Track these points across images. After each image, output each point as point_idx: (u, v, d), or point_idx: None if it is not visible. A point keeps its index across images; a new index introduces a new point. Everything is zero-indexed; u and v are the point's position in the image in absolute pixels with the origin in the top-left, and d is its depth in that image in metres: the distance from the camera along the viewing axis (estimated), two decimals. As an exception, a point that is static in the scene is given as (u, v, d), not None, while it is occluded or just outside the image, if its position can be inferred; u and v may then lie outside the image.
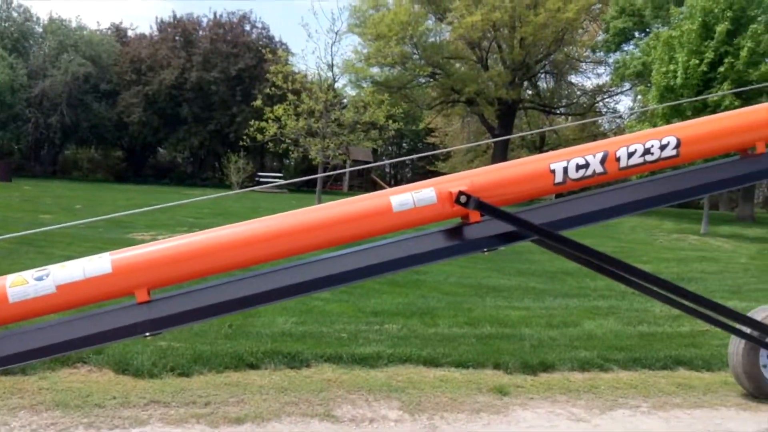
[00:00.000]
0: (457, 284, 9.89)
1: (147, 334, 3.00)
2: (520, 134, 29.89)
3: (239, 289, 3.18)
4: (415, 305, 7.87)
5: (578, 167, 3.42)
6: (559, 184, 3.43)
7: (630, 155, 3.48)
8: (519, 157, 3.92)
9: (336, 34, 26.86)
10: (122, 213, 4.18)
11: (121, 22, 53.78)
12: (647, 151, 3.50)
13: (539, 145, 49.05)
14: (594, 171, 3.44)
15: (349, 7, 39.94)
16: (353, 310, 7.37)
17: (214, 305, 3.12)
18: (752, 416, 4.83)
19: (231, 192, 5.17)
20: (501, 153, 40.06)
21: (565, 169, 3.41)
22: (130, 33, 51.92)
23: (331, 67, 27.59)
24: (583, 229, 3.66)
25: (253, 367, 5.12)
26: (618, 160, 3.47)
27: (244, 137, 28.63)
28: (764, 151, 3.69)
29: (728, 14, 21.72)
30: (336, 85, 31.27)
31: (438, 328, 6.68)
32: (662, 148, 3.52)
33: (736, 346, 5.13)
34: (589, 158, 3.44)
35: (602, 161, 3.44)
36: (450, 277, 10.40)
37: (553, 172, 3.42)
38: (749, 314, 5.14)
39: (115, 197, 25.81)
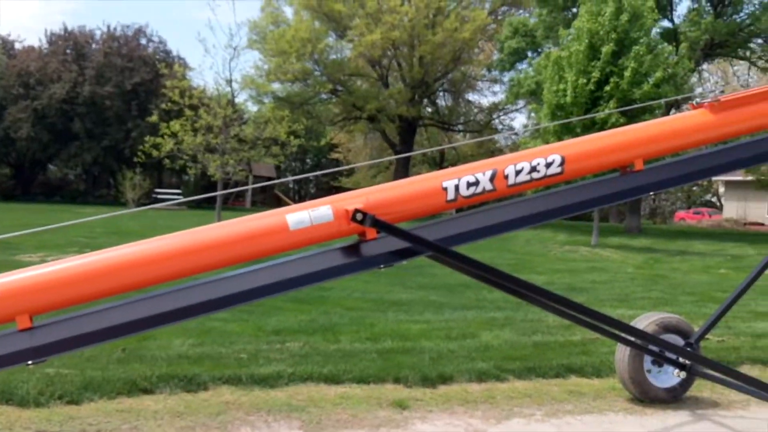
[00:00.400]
0: (360, 299, 9.94)
1: (29, 362, 2.86)
2: (421, 151, 30.49)
3: (131, 312, 3.09)
4: (317, 322, 7.85)
5: (469, 185, 3.53)
6: (451, 201, 3.53)
7: (518, 173, 3.62)
8: (420, 173, 4.01)
9: (234, 49, 26.66)
10: (9, 234, 3.97)
11: (8, 35, 51.40)
12: (534, 169, 3.65)
13: (439, 162, 50.09)
14: (484, 188, 3.56)
15: (248, 22, 39.61)
16: (254, 330, 7.28)
17: (103, 330, 3.01)
18: (638, 420, 5.09)
19: (127, 210, 5.02)
20: (403, 169, 40.64)
21: (457, 187, 3.51)
22: (17, 45, 49.55)
23: (229, 82, 27.32)
24: (481, 243, 3.77)
25: (147, 392, 4.95)
26: (506, 177, 3.60)
27: (140, 153, 27.80)
28: (642, 168, 3.92)
29: (613, 36, 22.95)
30: (236, 100, 30.95)
31: (340, 345, 6.69)
32: (548, 165, 3.68)
33: (622, 353, 5.40)
34: (479, 176, 3.55)
35: (491, 179, 3.56)
36: (353, 293, 10.44)
37: (445, 189, 3.51)
38: (633, 323, 5.43)
39: (1, 217, 24.42)
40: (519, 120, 51.92)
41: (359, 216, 3.29)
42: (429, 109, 48.33)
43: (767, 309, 10.24)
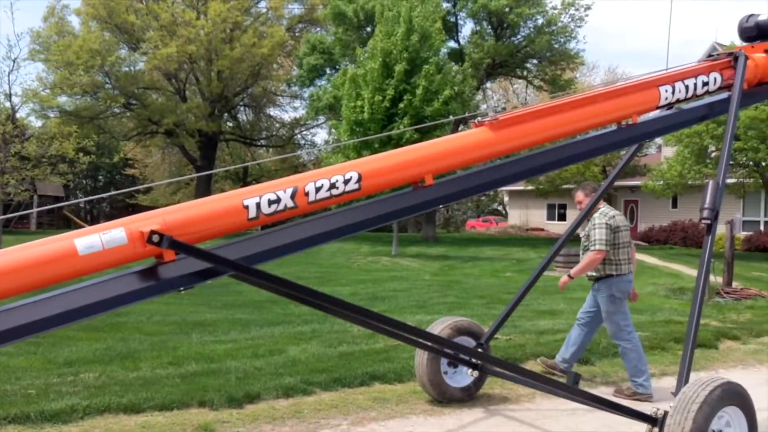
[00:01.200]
0: (161, 322, 9.56)
1: None
2: (224, 169, 29.44)
3: None
4: (114, 350, 7.44)
5: (270, 202, 3.54)
6: (253, 219, 3.52)
7: (318, 190, 3.70)
8: (223, 190, 3.94)
9: (14, 61, 24.67)
10: None
11: None
12: (333, 186, 3.75)
13: (243, 177, 49.42)
14: (285, 206, 3.59)
15: (30, 32, 36.54)
16: (42, 363, 6.75)
17: None
18: (437, 420, 5.39)
19: None
20: (204, 186, 39.58)
21: (258, 205, 3.51)
22: None
23: (9, 96, 25.16)
24: (287, 257, 3.79)
25: None
26: (307, 194, 3.66)
27: None
28: (432, 183, 4.17)
29: (405, 55, 24.12)
30: (17, 115, 28.52)
31: (140, 372, 6.40)
32: (346, 182, 3.80)
33: (420, 357, 5.69)
34: (280, 193, 3.58)
35: (292, 196, 3.61)
36: (153, 316, 10.03)
37: (246, 207, 3.50)
38: (429, 328, 5.76)
39: None
40: (321, 135, 52.77)
41: (156, 238, 3.18)
42: (230, 124, 47.52)
43: (548, 308, 11.28)
